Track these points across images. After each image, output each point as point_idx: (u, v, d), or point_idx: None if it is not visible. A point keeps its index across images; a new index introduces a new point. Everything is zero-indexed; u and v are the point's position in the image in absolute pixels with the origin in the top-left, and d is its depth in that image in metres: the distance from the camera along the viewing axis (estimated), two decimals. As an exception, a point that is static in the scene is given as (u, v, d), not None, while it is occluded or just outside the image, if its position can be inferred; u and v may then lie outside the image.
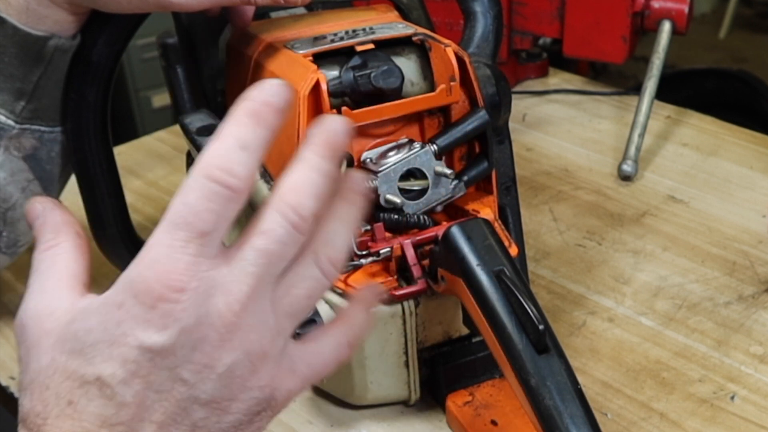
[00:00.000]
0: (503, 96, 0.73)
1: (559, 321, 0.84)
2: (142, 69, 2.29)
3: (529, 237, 0.95)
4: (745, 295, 0.86)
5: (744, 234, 0.95)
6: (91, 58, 0.74)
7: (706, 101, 1.47)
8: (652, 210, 1.00)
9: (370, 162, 0.68)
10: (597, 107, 1.24)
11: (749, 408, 0.74)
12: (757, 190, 1.03)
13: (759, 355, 0.79)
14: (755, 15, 3.76)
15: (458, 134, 0.70)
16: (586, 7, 1.18)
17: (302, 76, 0.66)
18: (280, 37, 0.72)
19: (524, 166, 1.09)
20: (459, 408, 0.71)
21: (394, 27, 0.72)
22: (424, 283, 0.67)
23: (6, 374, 0.81)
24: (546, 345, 0.59)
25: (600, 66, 2.60)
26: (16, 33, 0.70)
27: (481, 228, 0.65)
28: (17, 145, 0.75)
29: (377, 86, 0.66)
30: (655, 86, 1.11)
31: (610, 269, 0.91)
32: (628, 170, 1.05)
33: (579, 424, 0.56)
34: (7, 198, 0.76)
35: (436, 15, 0.86)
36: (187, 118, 0.70)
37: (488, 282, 0.62)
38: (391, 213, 0.69)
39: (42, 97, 0.74)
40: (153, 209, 1.04)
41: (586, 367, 0.78)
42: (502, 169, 0.76)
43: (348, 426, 0.73)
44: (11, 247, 0.79)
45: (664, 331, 0.82)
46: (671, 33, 1.14)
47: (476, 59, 0.75)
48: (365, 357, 0.69)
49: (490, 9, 0.80)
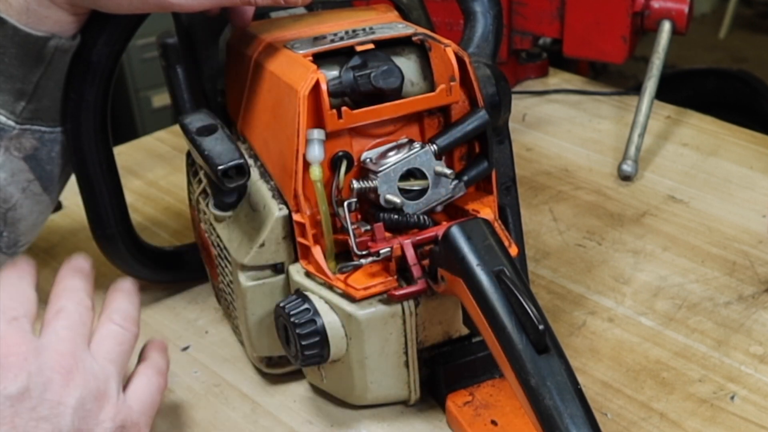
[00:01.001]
0: (503, 96, 0.73)
1: (559, 321, 0.84)
2: (142, 69, 2.29)
3: (529, 237, 0.95)
4: (745, 295, 0.86)
5: (744, 234, 0.95)
6: (91, 58, 0.74)
7: (706, 101, 1.47)
8: (652, 210, 1.00)
9: (370, 162, 0.68)
10: (597, 107, 1.24)
11: (749, 408, 0.74)
12: (757, 190, 1.03)
13: (759, 355, 0.79)
14: (755, 15, 3.76)
15: (458, 134, 0.70)
16: (586, 7, 1.18)
17: (302, 76, 0.66)
18: (280, 37, 0.72)
19: (524, 166, 1.09)
20: (459, 408, 0.71)
21: (394, 27, 0.72)
22: (424, 283, 0.67)
23: (6, 374, 0.81)
24: (546, 345, 0.59)
25: (600, 66, 2.60)
26: (16, 33, 0.70)
27: (481, 228, 0.65)
28: (17, 146, 0.75)
29: (377, 86, 0.66)
30: (655, 86, 1.11)
31: (610, 269, 0.91)
32: (628, 170, 1.05)
33: (579, 424, 0.56)
34: (8, 198, 0.76)
35: (436, 15, 0.86)
36: (187, 118, 0.70)
37: (488, 282, 0.62)
38: (391, 213, 0.69)
39: (42, 98, 0.74)
40: (153, 209, 1.04)
41: (586, 367, 0.78)
42: (502, 169, 0.76)
43: (348, 426, 0.73)
44: (11, 247, 0.79)
45: (664, 331, 0.82)
46: (671, 33, 1.14)
47: (476, 59, 0.75)
48: (365, 357, 0.69)
49: (490, 9, 0.80)
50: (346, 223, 0.67)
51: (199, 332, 0.85)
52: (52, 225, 0.99)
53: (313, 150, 0.66)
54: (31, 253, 0.94)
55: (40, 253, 0.96)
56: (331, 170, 0.68)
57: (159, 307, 0.88)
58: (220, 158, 0.66)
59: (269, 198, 0.70)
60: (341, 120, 0.66)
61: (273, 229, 0.69)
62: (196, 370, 0.80)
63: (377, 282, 0.68)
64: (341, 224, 0.68)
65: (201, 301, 0.88)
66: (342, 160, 0.68)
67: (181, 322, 0.86)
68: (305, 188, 0.67)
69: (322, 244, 0.69)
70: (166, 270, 0.89)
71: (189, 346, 0.83)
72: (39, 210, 0.79)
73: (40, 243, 0.96)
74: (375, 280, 0.68)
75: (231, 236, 0.72)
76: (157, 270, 0.88)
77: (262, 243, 0.69)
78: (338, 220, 0.68)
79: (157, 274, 0.88)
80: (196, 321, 0.86)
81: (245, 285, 0.71)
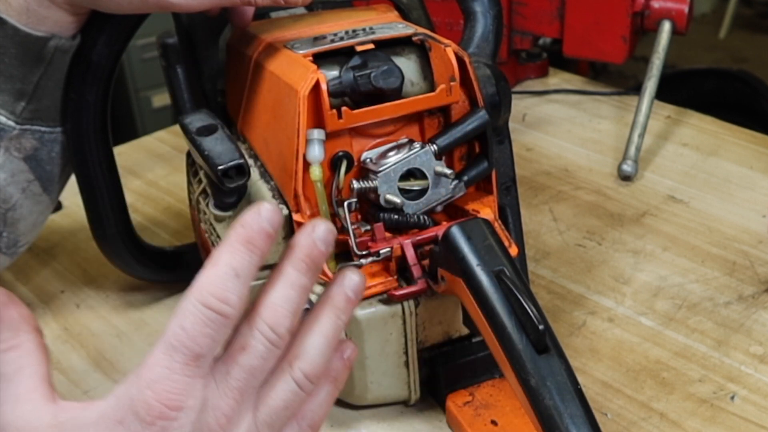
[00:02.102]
0: (503, 96, 0.73)
1: (559, 321, 0.84)
2: (142, 69, 2.29)
3: (529, 237, 0.95)
4: (745, 295, 0.86)
5: (744, 234, 0.95)
6: (91, 59, 0.74)
7: (706, 101, 1.47)
8: (652, 210, 1.00)
9: (370, 162, 0.68)
10: (597, 107, 1.24)
11: (749, 408, 0.74)
12: (757, 190, 1.03)
13: (759, 355, 0.79)
14: (755, 15, 3.76)
15: (458, 134, 0.70)
16: (586, 7, 1.18)
17: (302, 76, 0.66)
18: (280, 37, 0.72)
19: (524, 166, 1.09)
20: (459, 408, 0.71)
21: (394, 27, 0.72)
22: (424, 283, 0.67)
23: (6, 374, 0.81)
24: (546, 345, 0.59)
25: (600, 66, 2.61)
26: (16, 34, 0.70)
27: (481, 228, 0.65)
28: (18, 146, 0.75)
29: (377, 86, 0.66)
30: (655, 86, 1.11)
31: (610, 269, 0.91)
32: (628, 170, 1.05)
33: (579, 424, 0.56)
34: (8, 199, 0.76)
35: (436, 15, 0.86)
36: (187, 118, 0.70)
37: (488, 282, 0.62)
38: (391, 213, 0.69)
39: (42, 98, 0.74)
40: (153, 209, 1.04)
41: (586, 367, 0.78)
42: (502, 169, 0.76)
43: (348, 426, 0.73)
44: (11, 247, 0.79)
45: (664, 331, 0.82)
46: (671, 33, 1.14)
47: (476, 59, 0.75)
48: (365, 357, 0.69)
49: (490, 9, 0.80)
50: (346, 223, 0.67)
51: (199, 332, 0.85)
52: (52, 225, 0.99)
53: (313, 150, 0.66)
54: (31, 253, 0.94)
55: (40, 253, 0.96)
56: (331, 170, 0.68)
57: (159, 307, 0.88)
58: (220, 158, 0.66)
59: (269, 198, 0.70)
60: (341, 120, 0.66)
61: (273, 229, 0.69)
62: (196, 370, 0.80)
63: (377, 282, 0.68)
64: (341, 224, 0.68)
65: (201, 301, 0.88)
66: (342, 160, 0.68)
67: (181, 322, 0.86)
68: (305, 188, 0.67)
69: (322, 244, 0.69)
70: (166, 270, 0.89)
71: (189, 346, 0.83)
72: (39, 210, 0.79)
73: (40, 243, 0.96)
74: (375, 280, 0.68)
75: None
76: (157, 270, 0.88)
77: (262, 243, 0.69)
78: (338, 220, 0.68)
79: (157, 274, 0.88)
80: (196, 321, 0.86)
81: (245, 285, 0.71)
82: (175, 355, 0.47)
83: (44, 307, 0.89)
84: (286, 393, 0.51)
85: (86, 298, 0.90)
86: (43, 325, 0.86)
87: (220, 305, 0.47)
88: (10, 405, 0.48)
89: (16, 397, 0.49)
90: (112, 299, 0.89)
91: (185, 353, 0.47)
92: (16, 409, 0.48)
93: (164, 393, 0.47)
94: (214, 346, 0.48)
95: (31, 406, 0.48)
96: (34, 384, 0.49)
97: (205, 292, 0.48)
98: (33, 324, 0.51)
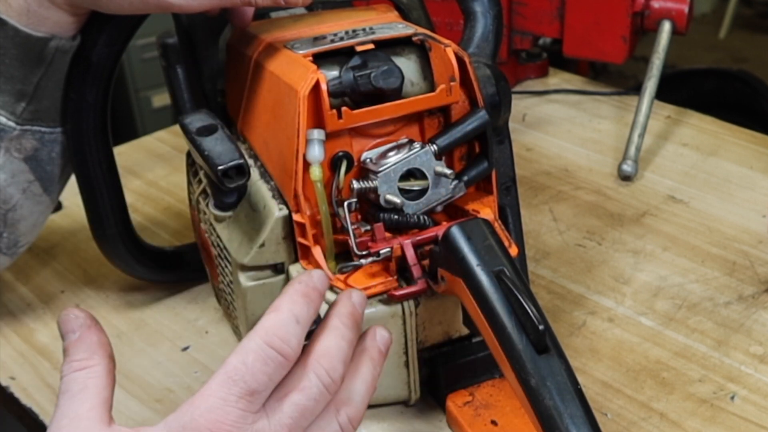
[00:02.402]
0: (503, 96, 0.73)
1: (559, 321, 0.84)
2: (142, 69, 2.29)
3: (529, 237, 0.95)
4: (745, 295, 0.86)
5: (744, 234, 0.95)
6: (91, 59, 0.74)
7: (706, 101, 1.47)
8: (652, 210, 1.00)
9: (370, 162, 0.68)
10: (597, 107, 1.24)
11: (749, 408, 0.74)
12: (757, 190, 1.03)
13: (759, 355, 0.79)
14: (755, 15, 3.76)
15: (458, 134, 0.70)
16: (586, 7, 1.18)
17: (302, 76, 0.66)
18: (280, 37, 0.72)
19: (524, 166, 1.09)
20: (459, 408, 0.71)
21: (394, 27, 0.72)
22: (424, 283, 0.67)
23: (6, 374, 0.81)
24: (546, 345, 0.59)
25: (600, 66, 2.61)
26: (16, 34, 0.71)
27: (481, 228, 0.65)
28: (18, 147, 0.75)
29: (377, 86, 0.66)
30: (655, 86, 1.11)
31: (610, 269, 0.91)
32: (628, 170, 1.05)
33: (579, 424, 0.56)
34: (8, 199, 0.76)
35: (436, 15, 0.86)
36: (187, 118, 0.70)
37: (488, 282, 0.61)
38: (391, 213, 0.69)
39: (42, 98, 0.74)
40: (153, 209, 1.04)
41: (586, 367, 0.78)
42: (502, 169, 0.76)
43: (348, 426, 0.73)
44: (11, 248, 0.79)
45: (664, 331, 0.82)
46: (671, 33, 1.14)
47: (476, 59, 0.75)
48: (365, 357, 0.69)
49: (490, 9, 0.80)
50: (346, 223, 0.67)
51: (200, 332, 0.85)
52: (52, 225, 0.99)
53: (313, 150, 0.66)
54: (31, 253, 0.95)
55: (40, 253, 0.96)
56: (331, 170, 0.68)
57: (159, 307, 0.88)
58: (220, 158, 0.66)
59: (269, 198, 0.70)
60: (341, 120, 0.66)
61: (273, 229, 0.69)
62: (196, 371, 0.80)
63: (377, 282, 0.68)
64: (341, 224, 0.68)
65: (201, 301, 0.88)
66: (342, 160, 0.68)
67: (181, 322, 0.86)
68: (305, 188, 0.67)
69: (322, 245, 0.69)
70: (166, 270, 0.89)
71: (189, 346, 0.83)
72: (39, 211, 0.79)
73: (40, 243, 0.96)
74: (375, 281, 0.68)
75: (231, 236, 0.72)
76: (157, 270, 0.88)
77: (262, 243, 0.69)
78: (338, 220, 0.68)
79: (157, 274, 0.88)
80: (196, 321, 0.86)
81: (245, 285, 0.71)
82: (232, 387, 0.51)
83: (44, 307, 0.89)
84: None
85: (86, 298, 0.90)
86: (42, 326, 0.87)
87: (282, 345, 0.52)
88: (69, 420, 0.51)
89: (76, 414, 0.51)
90: (112, 299, 0.89)
91: (242, 387, 0.51)
92: (72, 425, 0.51)
93: (216, 422, 0.50)
94: (270, 384, 0.52)
95: (88, 424, 0.51)
96: (94, 405, 0.52)
97: (270, 332, 0.52)
98: (108, 351, 0.55)
